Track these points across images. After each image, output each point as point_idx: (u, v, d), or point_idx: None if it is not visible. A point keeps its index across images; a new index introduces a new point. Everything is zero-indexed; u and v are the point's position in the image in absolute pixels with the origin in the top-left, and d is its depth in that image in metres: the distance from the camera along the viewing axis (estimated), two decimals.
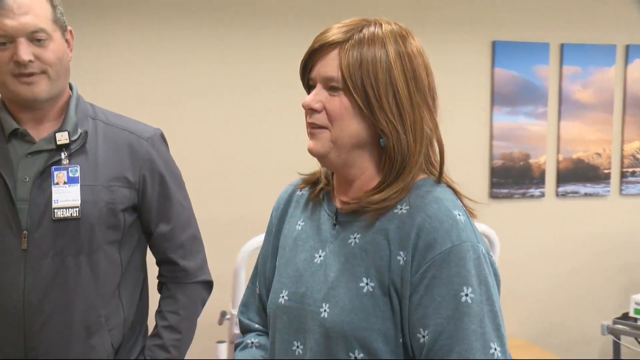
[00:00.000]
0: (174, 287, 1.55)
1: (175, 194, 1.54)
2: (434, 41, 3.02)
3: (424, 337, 0.98)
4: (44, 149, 1.44)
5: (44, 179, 1.43)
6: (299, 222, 1.18)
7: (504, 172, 3.38)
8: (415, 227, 1.01)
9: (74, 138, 1.44)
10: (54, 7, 1.41)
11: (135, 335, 1.54)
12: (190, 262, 1.55)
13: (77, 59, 1.63)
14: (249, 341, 1.24)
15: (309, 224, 1.16)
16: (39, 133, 1.46)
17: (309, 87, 1.11)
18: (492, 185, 3.37)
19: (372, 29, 1.05)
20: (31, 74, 1.37)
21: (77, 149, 1.45)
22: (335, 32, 1.05)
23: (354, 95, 1.03)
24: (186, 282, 1.55)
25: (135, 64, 2.91)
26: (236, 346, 1.28)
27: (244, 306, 1.29)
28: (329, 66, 1.04)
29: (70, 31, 1.47)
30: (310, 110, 1.07)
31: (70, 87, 1.51)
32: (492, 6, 3.26)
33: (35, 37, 1.36)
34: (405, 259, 1.01)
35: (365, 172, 1.09)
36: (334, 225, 1.11)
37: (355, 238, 1.07)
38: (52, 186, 1.42)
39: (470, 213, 1.08)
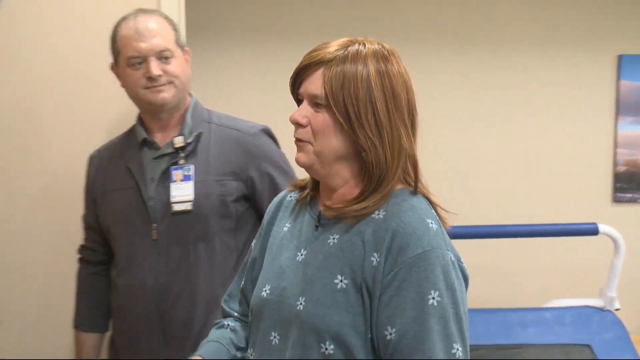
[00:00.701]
0: None
1: (281, 181, 1.68)
2: (561, 56, 3.27)
3: (390, 334, 1.03)
4: (166, 153, 1.66)
5: (165, 178, 1.64)
6: (286, 224, 1.24)
7: (628, 178, 3.51)
8: (390, 231, 1.07)
9: (189, 141, 1.65)
10: (175, 30, 1.67)
11: None
12: None
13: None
14: (225, 323, 1.32)
15: (294, 225, 1.22)
16: (163, 140, 1.68)
17: (298, 100, 1.17)
18: (616, 190, 3.50)
19: (355, 47, 1.10)
20: (160, 85, 1.61)
21: (192, 150, 1.65)
22: (322, 52, 1.11)
23: (336, 112, 1.08)
24: None
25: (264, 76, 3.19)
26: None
27: (228, 296, 1.36)
28: (314, 84, 1.10)
29: (188, 51, 1.70)
30: (296, 125, 1.14)
31: (192, 98, 1.73)
32: (619, 21, 3.37)
33: (162, 56, 1.61)
34: (378, 260, 1.06)
35: (348, 181, 1.14)
36: (317, 227, 1.17)
37: (334, 238, 1.13)
38: (171, 184, 1.63)
39: (442, 222, 1.14)
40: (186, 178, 1.63)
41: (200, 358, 1.22)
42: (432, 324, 1.01)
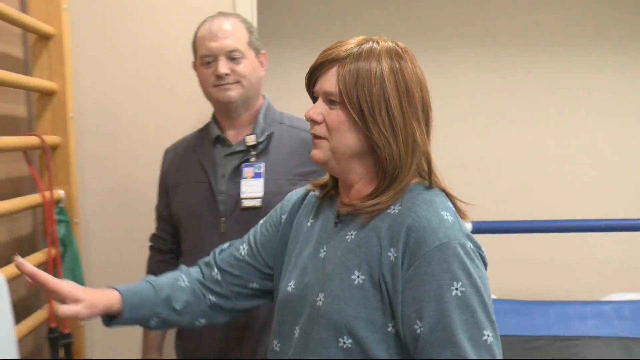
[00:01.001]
0: None
1: None
2: (606, 57, 3.23)
3: (420, 328, 1.04)
4: (238, 150, 1.72)
5: (236, 174, 1.70)
6: (309, 219, 1.27)
7: None
8: (405, 225, 1.08)
9: (260, 140, 1.72)
10: (250, 33, 1.73)
11: None
12: None
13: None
14: (183, 276, 1.35)
15: (316, 222, 1.25)
16: (235, 137, 1.75)
17: (314, 98, 1.19)
18: None
19: (369, 45, 1.12)
20: (227, 83, 1.68)
21: (263, 149, 1.72)
22: (336, 50, 1.13)
23: (350, 109, 1.10)
24: None
25: None
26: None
27: (221, 249, 1.39)
28: (328, 82, 1.12)
29: (264, 54, 1.77)
30: (311, 122, 1.16)
31: (265, 100, 1.80)
32: None
33: (232, 56, 1.68)
34: (395, 255, 1.08)
35: (362, 178, 1.16)
36: (336, 223, 1.20)
37: (351, 234, 1.15)
38: (241, 180, 1.70)
39: (461, 214, 1.15)
40: (257, 175, 1.69)
41: (116, 288, 1.25)
42: (459, 315, 1.02)
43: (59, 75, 1.89)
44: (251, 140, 1.72)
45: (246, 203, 1.69)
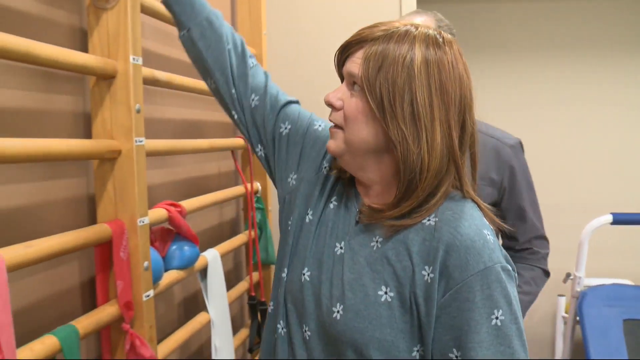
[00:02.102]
0: (520, 266, 1.72)
1: (529, 197, 1.69)
2: None
3: (456, 357, 0.95)
4: None
5: None
6: (332, 199, 1.12)
7: None
8: (443, 243, 0.95)
9: None
10: (440, 28, 1.51)
11: None
12: (539, 251, 1.73)
13: None
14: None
15: (338, 208, 1.10)
16: None
17: (343, 78, 1.06)
18: None
19: (406, 28, 0.98)
20: None
21: None
22: (370, 29, 0.99)
23: (368, 96, 0.96)
24: (533, 265, 1.73)
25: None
26: None
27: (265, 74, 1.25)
28: (354, 63, 0.98)
29: None
30: (330, 107, 1.03)
31: None
32: None
33: None
34: (431, 275, 0.95)
35: (383, 179, 1.02)
36: (357, 222, 1.06)
37: (377, 242, 1.01)
38: None
39: (490, 224, 1.03)
40: None
41: None
42: (497, 346, 0.93)
43: None
44: None
45: None
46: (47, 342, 1.11)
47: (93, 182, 1.40)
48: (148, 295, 1.39)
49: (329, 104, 1.02)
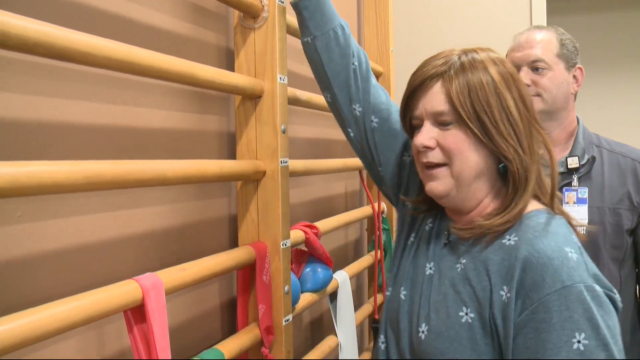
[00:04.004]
0: None
1: None
2: None
3: None
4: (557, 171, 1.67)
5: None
6: (428, 220, 1.14)
7: None
8: (520, 261, 0.92)
9: (582, 162, 1.56)
10: (562, 45, 1.57)
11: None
12: None
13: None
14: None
15: (432, 229, 1.12)
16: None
17: (411, 127, 1.07)
18: None
19: (470, 55, 1.01)
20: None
21: (585, 173, 1.56)
22: (432, 65, 1.01)
23: (469, 124, 0.97)
24: None
25: None
26: None
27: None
28: (435, 100, 0.99)
29: (580, 68, 1.60)
30: (424, 149, 1.01)
31: (577, 119, 1.63)
32: None
33: (534, 66, 1.55)
34: (508, 295, 0.93)
35: (482, 201, 1.03)
36: (445, 244, 1.07)
37: (461, 263, 1.01)
38: (563, 205, 1.50)
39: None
40: (580, 201, 1.56)
41: None
42: None
43: None
44: (574, 162, 1.57)
45: None
46: None
47: (235, 203, 1.39)
48: (287, 320, 1.36)
49: (423, 146, 1.01)
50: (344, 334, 1.81)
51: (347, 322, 1.83)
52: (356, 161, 1.98)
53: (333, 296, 1.78)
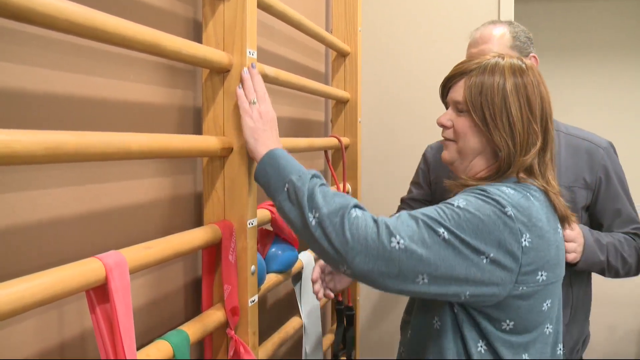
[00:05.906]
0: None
1: (624, 198, 1.69)
2: None
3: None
4: None
5: None
6: None
7: None
8: None
9: None
10: (514, 37, 1.67)
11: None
12: None
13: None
14: None
15: None
16: None
17: (447, 105, 1.32)
18: None
19: (495, 60, 1.23)
20: None
21: None
22: (465, 65, 1.25)
23: (473, 115, 1.21)
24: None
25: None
26: None
27: None
28: (457, 92, 1.25)
29: (534, 57, 1.69)
30: (442, 127, 1.28)
31: None
32: None
33: None
34: None
35: (478, 174, 1.24)
36: None
37: None
38: None
39: (561, 217, 1.22)
40: None
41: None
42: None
43: (352, 86, 2.20)
44: None
45: None
46: (161, 348, 1.06)
47: (201, 180, 1.34)
48: (253, 301, 1.33)
49: (441, 125, 1.28)
50: (308, 315, 1.79)
51: (311, 304, 1.81)
52: (322, 140, 1.95)
53: (297, 277, 1.75)
